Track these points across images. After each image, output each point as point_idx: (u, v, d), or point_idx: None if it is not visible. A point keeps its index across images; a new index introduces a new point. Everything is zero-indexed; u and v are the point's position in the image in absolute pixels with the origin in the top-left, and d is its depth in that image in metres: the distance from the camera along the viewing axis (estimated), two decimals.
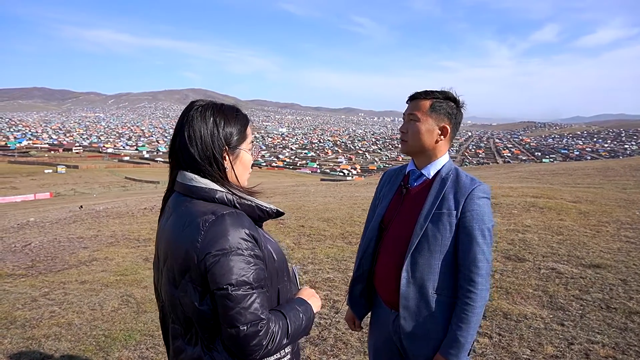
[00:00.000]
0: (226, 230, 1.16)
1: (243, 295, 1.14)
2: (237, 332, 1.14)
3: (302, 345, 3.22)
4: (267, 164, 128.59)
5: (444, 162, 1.73)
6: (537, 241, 5.82)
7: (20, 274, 5.28)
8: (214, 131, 1.27)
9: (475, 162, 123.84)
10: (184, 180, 1.27)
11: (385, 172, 1.98)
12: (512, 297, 3.97)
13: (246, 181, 1.40)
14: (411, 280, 1.64)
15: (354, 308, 1.92)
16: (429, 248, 1.61)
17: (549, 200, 9.05)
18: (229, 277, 1.14)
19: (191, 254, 1.17)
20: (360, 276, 1.86)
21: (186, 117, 1.28)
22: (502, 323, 3.46)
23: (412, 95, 1.73)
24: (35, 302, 4.26)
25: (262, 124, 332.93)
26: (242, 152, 1.34)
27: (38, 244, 6.89)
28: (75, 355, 3.19)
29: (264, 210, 1.32)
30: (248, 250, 1.18)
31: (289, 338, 1.23)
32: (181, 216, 1.24)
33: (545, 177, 17.35)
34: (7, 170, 77.66)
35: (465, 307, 1.56)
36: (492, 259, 1.64)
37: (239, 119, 1.33)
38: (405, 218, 1.70)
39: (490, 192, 1.66)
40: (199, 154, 1.26)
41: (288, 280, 1.40)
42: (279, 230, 7.34)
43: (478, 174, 23.39)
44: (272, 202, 7.58)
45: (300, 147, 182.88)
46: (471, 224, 1.58)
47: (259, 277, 1.19)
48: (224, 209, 1.22)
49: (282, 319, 1.23)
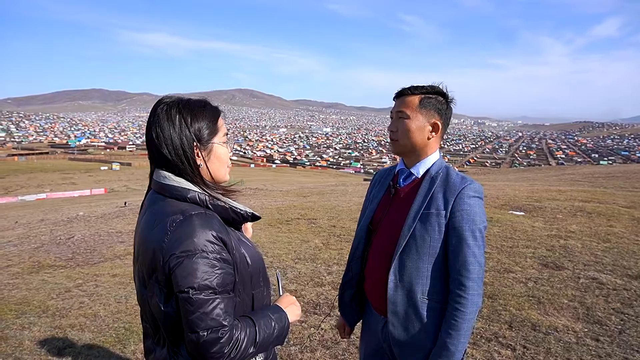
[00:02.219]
0: (192, 232, 1.12)
1: (205, 299, 1.10)
2: (197, 337, 1.09)
3: (313, 347, 3.15)
4: (311, 163, 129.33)
5: (434, 160, 1.62)
6: (579, 248, 5.45)
7: (60, 265, 5.55)
8: (181, 129, 1.23)
9: (526, 163, 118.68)
10: (158, 178, 1.25)
11: (377, 172, 1.88)
12: (544, 307, 3.71)
13: (226, 175, 1.35)
14: (399, 284, 1.55)
15: (344, 315, 1.85)
16: (417, 250, 1.52)
17: (599, 205, 8.49)
18: (191, 280, 1.09)
19: (157, 255, 1.13)
20: (349, 281, 1.78)
21: (153, 117, 1.24)
22: (529, 335, 3.23)
23: (399, 92, 1.63)
24: (68, 292, 4.45)
25: (307, 123, 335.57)
26: (215, 146, 1.29)
27: (80, 237, 7.23)
28: (95, 345, 3.29)
29: (237, 213, 1.27)
30: (214, 254, 1.13)
31: (257, 347, 1.17)
32: (152, 215, 1.22)
33: (599, 180, 16.29)
34: (68, 167, 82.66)
35: (455, 312, 1.46)
36: (484, 262, 1.52)
37: (207, 112, 1.28)
38: (394, 219, 1.61)
39: (482, 192, 1.55)
40: (169, 154, 1.22)
41: (265, 286, 1.35)
42: (309, 229, 7.32)
43: (526, 175, 22.39)
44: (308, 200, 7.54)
45: (344, 147, 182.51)
46: (461, 225, 1.47)
47: (224, 282, 1.14)
48: (193, 210, 1.18)
49: (250, 327, 1.18)
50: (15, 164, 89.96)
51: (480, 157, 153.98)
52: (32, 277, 5.02)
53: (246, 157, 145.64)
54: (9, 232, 9.12)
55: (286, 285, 4.46)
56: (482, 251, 1.49)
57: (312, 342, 3.23)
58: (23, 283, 4.80)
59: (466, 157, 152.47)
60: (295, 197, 13.26)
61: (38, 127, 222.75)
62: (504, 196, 10.10)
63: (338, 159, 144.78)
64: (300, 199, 12.26)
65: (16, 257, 6.07)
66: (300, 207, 9.97)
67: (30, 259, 5.87)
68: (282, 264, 5.26)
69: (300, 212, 9.08)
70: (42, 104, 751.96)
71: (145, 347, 1.31)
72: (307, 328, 3.47)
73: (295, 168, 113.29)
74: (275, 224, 7.98)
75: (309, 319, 3.62)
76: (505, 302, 3.82)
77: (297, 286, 4.45)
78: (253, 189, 18.15)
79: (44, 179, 57.92)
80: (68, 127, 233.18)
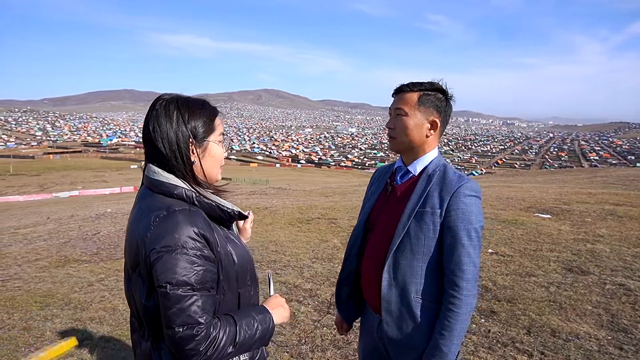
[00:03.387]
0: (174, 227, 1.13)
1: (182, 295, 1.10)
2: (173, 333, 1.09)
3: (325, 347, 3.14)
4: (336, 163, 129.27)
5: (431, 157, 1.59)
6: (607, 253, 5.24)
7: (85, 260, 5.72)
8: (178, 125, 1.24)
9: (557, 165, 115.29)
10: (149, 173, 1.26)
11: (377, 169, 1.86)
12: (566, 313, 3.58)
13: (219, 174, 1.36)
14: (393, 283, 1.53)
15: (341, 311, 1.83)
16: (412, 249, 1.49)
17: (631, 209, 8.16)
18: (169, 276, 1.10)
19: (140, 249, 1.15)
20: (345, 278, 1.77)
21: (151, 113, 1.26)
22: (547, 341, 3.13)
23: (397, 88, 1.60)
24: (90, 286, 4.58)
25: (332, 124, 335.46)
26: (210, 145, 1.30)
27: (106, 233, 7.43)
28: (112, 338, 3.37)
29: (224, 211, 1.27)
30: (194, 250, 1.13)
31: (236, 347, 1.17)
32: (139, 209, 1.24)
33: (634, 183, 15.66)
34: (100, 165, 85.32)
35: (448, 313, 1.43)
36: (479, 263, 1.48)
37: (204, 111, 1.29)
38: (389, 217, 1.59)
39: (480, 191, 1.51)
40: (164, 149, 1.23)
41: (252, 285, 1.34)
42: (329, 229, 7.31)
43: (555, 177, 21.74)
44: (330, 200, 7.52)
45: (369, 147, 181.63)
46: (456, 224, 1.44)
47: (202, 279, 1.13)
48: (178, 206, 1.18)
49: (231, 326, 1.17)
50: (51, 162, 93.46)
51: (509, 158, 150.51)
52: (58, 271, 5.18)
53: (272, 157, 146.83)
54: (41, 227, 9.46)
55: (302, 285, 4.46)
56: (477, 251, 1.46)
57: (324, 342, 3.21)
58: (49, 276, 4.97)
59: (494, 158, 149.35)
60: (318, 196, 13.27)
61: (72, 126, 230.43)
62: (531, 198, 9.84)
63: (363, 159, 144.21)
64: (322, 199, 12.26)
65: (45, 251, 6.29)
66: (322, 206, 9.97)
67: (58, 254, 6.07)
68: (300, 262, 5.27)
69: (321, 212, 9.08)
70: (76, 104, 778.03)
71: (132, 340, 1.33)
72: (319, 327, 3.45)
73: (320, 168, 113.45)
74: (296, 223, 8.01)
75: (323, 319, 3.60)
76: (524, 306, 3.71)
77: (312, 285, 4.44)
78: (276, 189, 18.28)
79: (77, 177, 59.90)
80: (100, 126, 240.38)
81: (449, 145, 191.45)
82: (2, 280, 4.82)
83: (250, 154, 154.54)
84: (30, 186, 50.67)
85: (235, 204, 1.37)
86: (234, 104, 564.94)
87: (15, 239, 7.59)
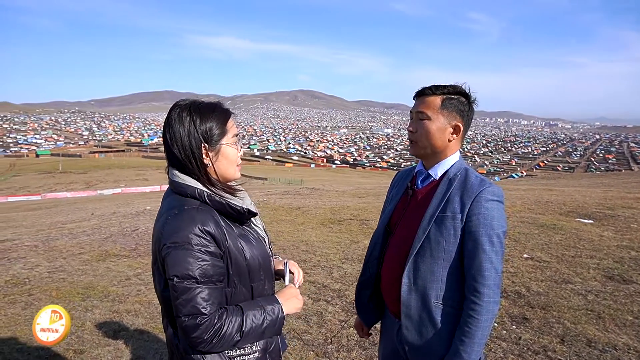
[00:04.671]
0: (180, 225, 1.22)
1: (186, 288, 1.20)
2: (180, 322, 1.20)
3: (350, 347, 3.15)
4: (371, 164, 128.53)
5: (453, 161, 1.57)
6: None
7: (124, 255, 5.96)
8: (190, 130, 1.31)
9: (604, 168, 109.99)
10: (170, 175, 1.36)
11: (398, 172, 1.85)
12: (604, 323, 3.44)
13: (236, 173, 1.42)
14: (412, 288, 1.52)
15: (361, 314, 1.84)
16: (432, 254, 1.48)
17: None
18: (175, 269, 1.20)
19: (157, 244, 1.26)
20: (365, 281, 1.77)
21: (167, 119, 1.34)
22: (582, 351, 3.01)
23: (420, 91, 1.58)
24: (128, 280, 4.78)
25: (367, 124, 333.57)
26: (223, 147, 1.36)
27: (144, 230, 7.72)
28: (146, 330, 3.51)
29: (233, 208, 1.33)
30: (198, 246, 1.21)
31: (243, 336, 1.24)
32: (161, 208, 1.35)
33: None
34: (141, 164, 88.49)
35: (469, 319, 1.42)
36: (502, 269, 1.45)
37: (216, 115, 1.36)
38: (410, 221, 1.58)
39: (502, 195, 1.47)
40: (179, 153, 1.32)
41: (267, 280, 1.40)
42: (360, 230, 7.30)
43: (600, 181, 20.76)
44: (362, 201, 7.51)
45: (405, 148, 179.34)
46: (477, 229, 1.42)
47: (206, 273, 1.22)
48: (189, 204, 1.27)
49: (237, 316, 1.25)
50: (96, 161, 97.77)
51: (551, 160, 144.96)
52: (99, 265, 5.43)
53: (307, 157, 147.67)
54: (85, 222, 9.92)
55: (331, 285, 4.48)
56: (499, 257, 1.43)
57: (350, 342, 3.23)
58: (91, 269, 5.22)
59: (535, 160, 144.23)
60: (351, 197, 13.25)
61: (116, 126, 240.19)
62: (572, 202, 9.46)
63: (399, 160, 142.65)
64: (355, 200, 12.24)
65: (88, 245, 6.60)
66: (354, 207, 9.96)
67: (99, 248, 6.35)
68: (330, 263, 5.30)
69: (353, 213, 9.07)
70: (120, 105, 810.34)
71: (163, 325, 1.44)
72: (346, 328, 3.47)
73: (355, 169, 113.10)
74: (327, 223, 8.04)
75: (350, 319, 3.61)
76: (559, 314, 3.59)
77: (341, 286, 4.46)
78: (310, 189, 18.38)
79: (120, 175, 62.40)
80: (142, 126, 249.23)
81: (488, 146, 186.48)
82: (48, 271, 5.11)
83: (286, 154, 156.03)
84: (77, 183, 53.27)
85: (269, 203, 1.41)
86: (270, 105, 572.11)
87: (62, 233, 8.00)
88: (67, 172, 67.88)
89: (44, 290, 4.40)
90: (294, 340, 3.29)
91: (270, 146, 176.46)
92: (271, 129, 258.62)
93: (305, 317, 3.68)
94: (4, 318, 3.73)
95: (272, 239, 1.78)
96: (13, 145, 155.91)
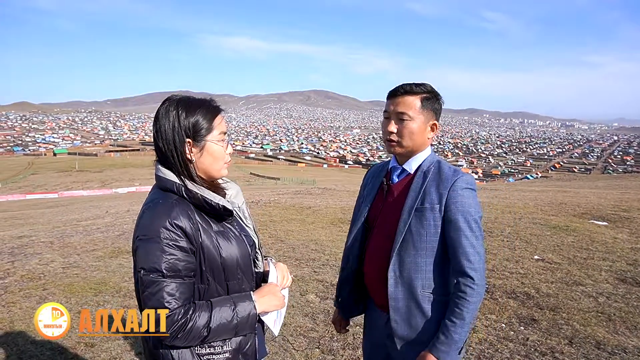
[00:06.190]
0: (151, 218, 1.23)
1: (152, 281, 1.20)
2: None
3: (356, 345, 3.16)
4: None
5: (425, 155, 1.63)
6: None
7: None
8: (174, 125, 1.31)
9: (621, 169, 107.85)
10: (155, 170, 1.36)
11: (370, 168, 1.88)
12: (614, 325, 3.40)
13: (221, 171, 1.40)
14: (399, 280, 1.56)
15: (341, 310, 1.87)
16: (414, 245, 1.53)
17: None
18: (142, 262, 1.21)
19: (133, 236, 1.28)
20: (346, 277, 1.80)
21: (156, 113, 1.35)
22: (590, 353, 2.98)
23: (397, 91, 1.60)
24: None
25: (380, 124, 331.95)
26: (208, 144, 1.34)
27: None
28: None
29: (209, 204, 1.32)
30: (167, 240, 1.21)
31: (211, 332, 1.23)
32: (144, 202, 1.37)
33: None
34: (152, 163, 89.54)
35: (459, 301, 1.46)
36: (484, 253, 1.52)
37: (203, 110, 1.34)
38: (389, 216, 1.62)
39: (475, 184, 1.55)
40: (163, 147, 1.32)
41: (245, 279, 1.39)
42: None
43: (617, 183, 20.40)
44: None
45: None
46: (456, 217, 1.48)
47: (173, 267, 1.21)
48: (167, 198, 1.28)
49: (205, 311, 1.23)
50: (112, 160, 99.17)
51: (567, 162, 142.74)
52: (112, 261, 5.53)
53: (319, 157, 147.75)
54: (100, 220, 10.10)
55: None
56: (480, 242, 1.50)
57: (356, 340, 3.24)
58: (104, 266, 5.32)
59: (551, 161, 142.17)
60: None
61: (131, 126, 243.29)
62: (586, 204, 9.32)
63: None
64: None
65: (101, 242, 6.72)
66: None
67: (112, 245, 6.47)
68: (338, 262, 5.31)
69: None
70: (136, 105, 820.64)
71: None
72: (352, 326, 3.48)
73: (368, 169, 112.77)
74: (337, 223, 8.06)
75: (356, 318, 3.62)
76: (568, 315, 3.56)
77: None
78: (321, 189, 18.39)
79: (134, 174, 63.20)
80: None
81: (502, 147, 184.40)
82: (63, 267, 5.22)
83: (299, 154, 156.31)
84: (93, 182, 54.13)
85: (280, 202, 1.43)
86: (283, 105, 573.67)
87: (77, 230, 8.16)
88: (83, 171, 69.04)
89: (58, 285, 4.50)
90: (300, 337, 3.31)
91: (283, 146, 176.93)
92: (284, 129, 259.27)
93: (312, 315, 3.71)
94: (19, 312, 3.83)
95: (282, 237, 1.80)
96: (31, 144, 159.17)
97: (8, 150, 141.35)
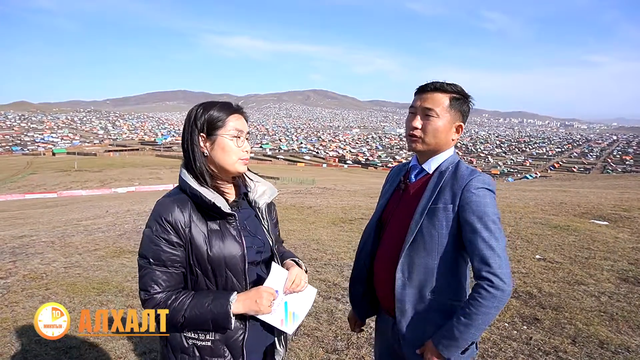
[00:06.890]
0: (152, 212, 1.38)
1: (141, 266, 1.39)
2: (139, 293, 1.39)
3: (360, 344, 3.17)
4: (383, 164, 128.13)
5: (447, 155, 1.58)
6: None
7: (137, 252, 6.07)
8: (189, 123, 1.43)
9: (621, 169, 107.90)
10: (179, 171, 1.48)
11: (392, 168, 1.86)
12: (617, 325, 3.41)
13: (235, 165, 1.46)
14: (407, 282, 1.51)
15: (355, 308, 1.82)
16: (425, 246, 1.48)
17: None
18: (139, 248, 1.41)
19: None
20: (357, 276, 1.76)
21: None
22: (594, 352, 2.99)
23: (426, 87, 1.57)
24: None
25: (380, 124, 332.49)
26: (219, 138, 1.43)
27: None
28: None
29: (204, 202, 1.40)
30: (157, 232, 1.36)
31: (186, 320, 1.34)
32: None
33: None
34: (155, 162, 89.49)
35: (472, 302, 1.39)
36: (506, 256, 1.41)
37: (217, 109, 1.44)
38: (402, 215, 1.58)
39: (493, 184, 1.47)
40: (182, 147, 1.46)
41: (236, 279, 1.43)
42: None
43: (617, 182, 20.44)
44: (373, 201, 7.47)
45: None
46: (471, 218, 1.42)
47: (158, 257, 1.36)
48: (170, 195, 1.44)
49: (183, 301, 1.35)
50: (111, 159, 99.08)
51: (566, 161, 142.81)
52: (114, 261, 5.54)
53: (319, 157, 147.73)
54: (100, 219, 10.09)
55: (341, 283, 4.51)
56: (500, 243, 1.40)
57: (359, 340, 3.25)
58: (106, 265, 5.32)
59: (550, 161, 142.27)
60: (362, 197, 13.25)
61: (130, 125, 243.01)
62: (587, 204, 9.34)
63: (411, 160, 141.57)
64: (366, 199, 12.23)
65: (103, 242, 6.72)
66: (365, 207, 9.96)
67: (114, 245, 6.47)
68: (340, 261, 5.32)
69: (364, 212, 9.08)
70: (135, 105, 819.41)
71: None
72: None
73: (367, 169, 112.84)
74: (338, 222, 8.07)
75: None
76: (571, 315, 3.56)
77: None
78: (322, 188, 18.40)
79: (134, 174, 63.15)
80: (156, 126, 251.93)
81: (502, 147, 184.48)
82: (65, 267, 5.22)
83: (298, 153, 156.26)
84: (92, 181, 54.08)
85: (280, 202, 1.45)
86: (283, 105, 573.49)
87: (78, 230, 8.16)
88: (82, 171, 68.97)
89: (61, 285, 4.50)
90: (304, 337, 3.32)
91: (282, 146, 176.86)
92: (283, 129, 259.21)
93: (316, 314, 3.71)
94: (22, 311, 3.84)
95: (282, 237, 1.78)
96: (30, 144, 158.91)
97: (7, 150, 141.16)
